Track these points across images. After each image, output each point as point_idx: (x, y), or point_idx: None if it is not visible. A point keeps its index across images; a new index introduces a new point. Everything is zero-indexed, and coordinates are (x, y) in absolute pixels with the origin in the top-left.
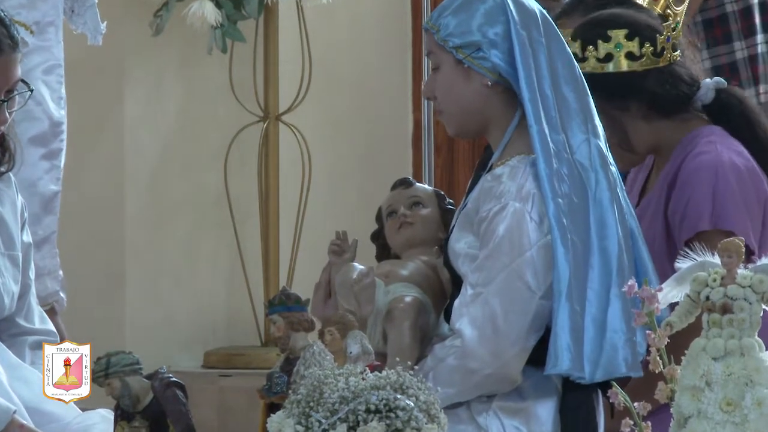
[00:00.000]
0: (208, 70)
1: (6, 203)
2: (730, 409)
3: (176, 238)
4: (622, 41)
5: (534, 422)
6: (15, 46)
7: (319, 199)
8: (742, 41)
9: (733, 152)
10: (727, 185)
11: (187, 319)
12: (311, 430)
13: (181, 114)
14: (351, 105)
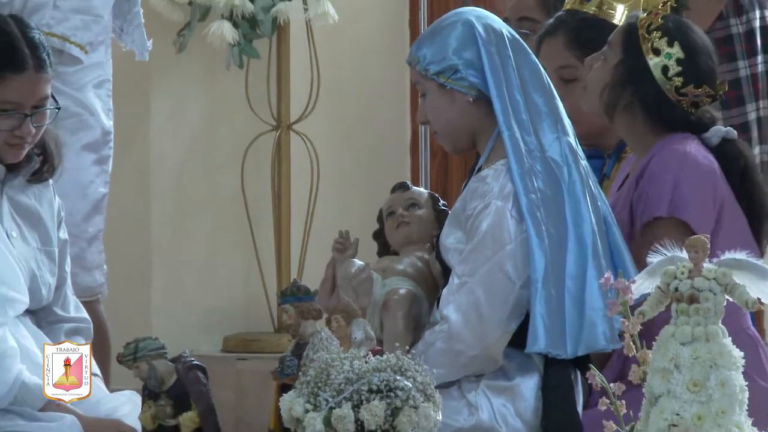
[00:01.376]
0: (226, 83)
1: (44, 204)
2: (697, 390)
3: (197, 235)
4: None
5: (518, 399)
6: (41, 66)
7: (327, 201)
8: (745, 60)
9: (701, 153)
10: (690, 178)
11: (208, 307)
12: (319, 408)
13: (201, 123)
14: (355, 116)
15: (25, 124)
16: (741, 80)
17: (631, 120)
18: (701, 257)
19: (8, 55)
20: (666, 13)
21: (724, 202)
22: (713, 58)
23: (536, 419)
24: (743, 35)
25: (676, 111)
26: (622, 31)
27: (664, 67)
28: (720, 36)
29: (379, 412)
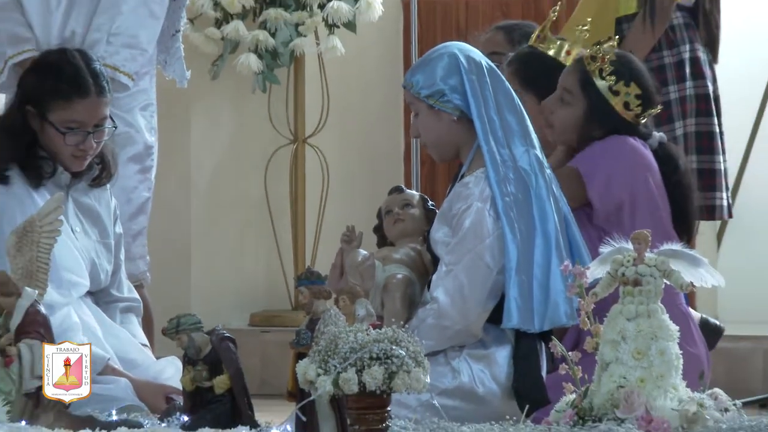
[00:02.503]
0: (252, 105)
1: (102, 204)
2: (640, 357)
3: (228, 230)
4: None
5: (494, 366)
6: (101, 92)
7: (335, 201)
8: (675, 85)
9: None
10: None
11: (237, 289)
12: (329, 372)
13: (232, 137)
14: (358, 131)
15: (87, 140)
16: (671, 102)
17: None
18: (644, 248)
19: (75, 83)
20: (612, 58)
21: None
22: (654, 80)
23: (508, 382)
24: (674, 65)
25: (632, 128)
26: (579, 79)
27: (626, 102)
28: (654, 65)
29: (378, 375)
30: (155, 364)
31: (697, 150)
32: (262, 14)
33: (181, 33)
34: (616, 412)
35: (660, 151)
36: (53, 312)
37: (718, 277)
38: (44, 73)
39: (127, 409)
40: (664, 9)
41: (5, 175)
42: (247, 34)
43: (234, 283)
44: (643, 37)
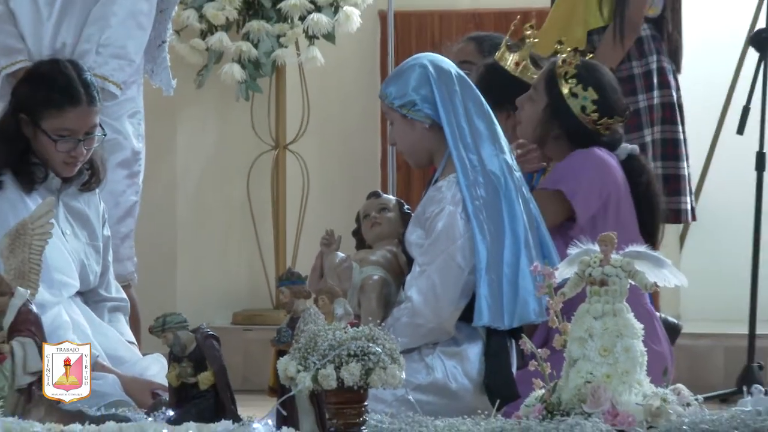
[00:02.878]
0: (235, 112)
1: (92, 208)
2: (606, 354)
3: (213, 232)
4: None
5: (466, 362)
6: (91, 101)
7: (315, 205)
8: (644, 94)
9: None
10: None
11: (221, 289)
12: (308, 369)
13: (216, 144)
14: (337, 138)
15: (78, 147)
16: (640, 110)
17: (560, 145)
18: (610, 250)
19: (67, 92)
20: (578, 63)
21: (612, 196)
22: (619, 93)
23: (480, 378)
24: (642, 75)
25: (593, 136)
26: (546, 78)
27: (582, 106)
28: (624, 75)
29: (356, 371)
30: (142, 360)
31: (663, 156)
32: (245, 26)
33: (167, 44)
34: (583, 406)
35: (629, 162)
36: (44, 311)
37: (680, 278)
38: (37, 83)
39: (115, 404)
40: (633, 23)
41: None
42: (230, 45)
43: (218, 284)
44: (613, 50)
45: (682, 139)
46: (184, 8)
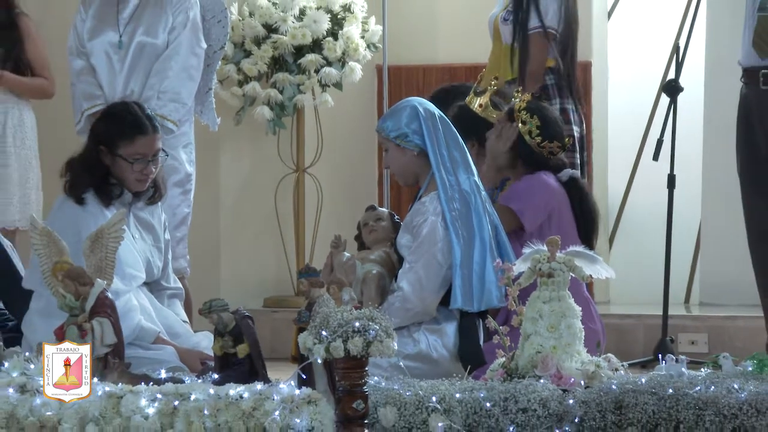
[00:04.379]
0: (265, 144)
1: (155, 217)
2: (552, 330)
3: (248, 236)
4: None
5: (444, 336)
6: (155, 130)
7: (327, 216)
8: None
9: (553, 180)
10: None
11: (254, 280)
12: (322, 342)
13: (250, 168)
14: (344, 163)
15: (148, 167)
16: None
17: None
18: (555, 249)
19: (136, 125)
20: (529, 99)
21: (554, 211)
22: (561, 125)
23: (455, 349)
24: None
25: (541, 159)
26: (507, 115)
27: (529, 131)
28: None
29: (359, 344)
30: (193, 336)
31: None
32: (273, 77)
33: (212, 90)
34: (535, 371)
35: (571, 183)
36: (118, 297)
37: (609, 271)
38: (112, 121)
39: (172, 369)
40: (533, 76)
41: (82, 197)
42: (261, 92)
43: (252, 276)
44: None
45: (578, 164)
46: (226, 63)
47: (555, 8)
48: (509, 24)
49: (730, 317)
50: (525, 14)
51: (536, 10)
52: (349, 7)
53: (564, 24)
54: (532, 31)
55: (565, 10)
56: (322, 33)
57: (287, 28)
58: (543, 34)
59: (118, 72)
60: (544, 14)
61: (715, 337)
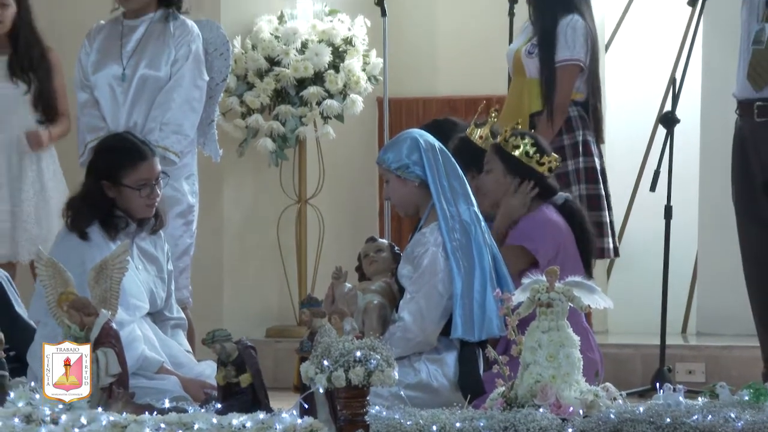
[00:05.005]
0: (268, 175)
1: (158, 248)
2: (551, 360)
3: (250, 267)
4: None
5: (445, 366)
6: (153, 153)
7: (328, 247)
8: (571, 161)
9: (555, 216)
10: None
11: (257, 310)
12: (324, 371)
13: (253, 199)
14: (345, 195)
15: (154, 190)
16: (569, 172)
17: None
18: (553, 280)
19: (136, 152)
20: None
21: (561, 246)
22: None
23: (455, 378)
24: (570, 146)
25: (542, 182)
26: (493, 152)
27: (526, 152)
28: (556, 146)
29: (360, 374)
30: (197, 365)
31: (588, 208)
32: (275, 109)
33: (215, 122)
34: (535, 400)
35: (565, 207)
36: (122, 327)
37: (608, 301)
38: (111, 154)
39: (176, 399)
40: (560, 108)
41: (85, 232)
42: (264, 124)
43: (254, 306)
44: (546, 128)
45: (602, 195)
46: (229, 95)
47: (582, 41)
48: (535, 57)
49: (727, 347)
50: (552, 47)
51: (564, 42)
52: (351, 41)
53: (590, 56)
54: (560, 63)
55: (591, 42)
56: (324, 66)
57: (289, 61)
58: (571, 67)
59: (122, 104)
60: (571, 47)
61: (712, 366)
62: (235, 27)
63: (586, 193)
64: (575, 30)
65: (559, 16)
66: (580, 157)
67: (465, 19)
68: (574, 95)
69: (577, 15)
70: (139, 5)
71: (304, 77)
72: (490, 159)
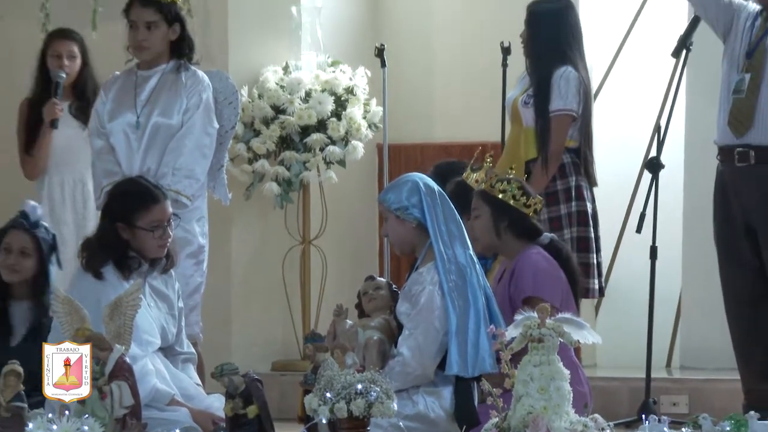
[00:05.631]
0: (274, 217)
1: (169, 287)
2: (543, 392)
3: (257, 304)
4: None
5: (441, 399)
6: (165, 196)
7: (330, 285)
8: (564, 204)
9: (545, 258)
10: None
11: (263, 345)
12: (327, 403)
13: (259, 240)
14: (346, 236)
15: (166, 231)
16: (561, 216)
17: (507, 240)
18: (545, 316)
19: (149, 195)
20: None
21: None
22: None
23: (451, 410)
24: (563, 191)
25: (527, 220)
26: (480, 197)
27: (512, 194)
28: (549, 191)
29: (361, 405)
30: (206, 398)
31: (577, 249)
32: (280, 155)
33: (224, 167)
34: (527, 430)
35: (551, 246)
36: (135, 362)
37: (596, 337)
38: (125, 198)
39: (186, 430)
40: (554, 156)
41: (100, 272)
42: (270, 169)
43: (261, 341)
44: (541, 175)
45: (592, 237)
46: (237, 142)
47: (574, 92)
48: (530, 107)
49: (710, 380)
50: (546, 97)
51: (558, 93)
52: (352, 90)
53: (583, 105)
54: (554, 114)
55: (584, 92)
56: (327, 114)
57: (294, 109)
58: (564, 117)
59: (136, 150)
60: (564, 97)
61: (695, 398)
62: (242, 77)
63: (576, 235)
64: (569, 81)
65: (553, 68)
66: (572, 201)
67: (460, 70)
68: (567, 143)
69: (571, 66)
70: (153, 57)
71: (308, 125)
72: (477, 205)
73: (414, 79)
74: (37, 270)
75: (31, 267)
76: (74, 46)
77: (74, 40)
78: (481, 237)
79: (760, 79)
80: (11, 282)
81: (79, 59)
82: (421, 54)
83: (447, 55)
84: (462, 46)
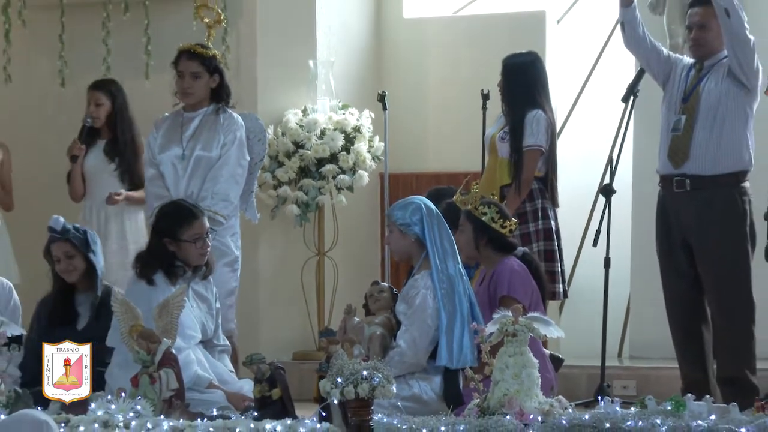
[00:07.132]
0: (294, 233)
1: (209, 291)
2: (516, 378)
3: (281, 305)
4: (492, 211)
5: (433, 383)
6: (202, 213)
7: (341, 289)
8: (532, 223)
9: (519, 265)
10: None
11: (285, 338)
12: (338, 387)
13: (282, 252)
14: (355, 248)
15: (205, 242)
16: (530, 233)
17: (487, 252)
18: (518, 315)
19: (190, 213)
20: (482, 199)
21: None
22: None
23: (441, 393)
24: (531, 212)
25: (503, 237)
26: (465, 217)
27: (491, 217)
28: (521, 211)
29: (366, 389)
30: (238, 382)
31: (545, 260)
32: (300, 182)
33: (254, 192)
34: (503, 409)
35: (525, 258)
36: (180, 352)
37: (560, 332)
38: (170, 217)
39: (222, 409)
40: (526, 182)
41: (152, 278)
42: (291, 194)
43: (284, 335)
44: (514, 198)
45: (556, 250)
46: (264, 171)
47: (543, 131)
48: (506, 142)
49: (654, 368)
50: (520, 135)
51: (530, 132)
52: (359, 129)
53: (549, 141)
54: (526, 148)
55: (551, 131)
56: (338, 148)
57: (311, 144)
58: (534, 152)
59: (181, 177)
60: (535, 135)
61: (642, 383)
62: (269, 118)
63: (543, 248)
64: (539, 122)
65: (526, 110)
66: (539, 220)
67: (448, 112)
68: (536, 173)
69: (540, 110)
70: (196, 101)
71: (323, 157)
72: (462, 222)
73: (410, 120)
74: (86, 264)
75: (80, 263)
76: (102, 96)
77: (101, 90)
78: (463, 249)
79: (693, 120)
80: (72, 281)
81: (107, 105)
82: (416, 99)
83: (437, 101)
84: (450, 93)
